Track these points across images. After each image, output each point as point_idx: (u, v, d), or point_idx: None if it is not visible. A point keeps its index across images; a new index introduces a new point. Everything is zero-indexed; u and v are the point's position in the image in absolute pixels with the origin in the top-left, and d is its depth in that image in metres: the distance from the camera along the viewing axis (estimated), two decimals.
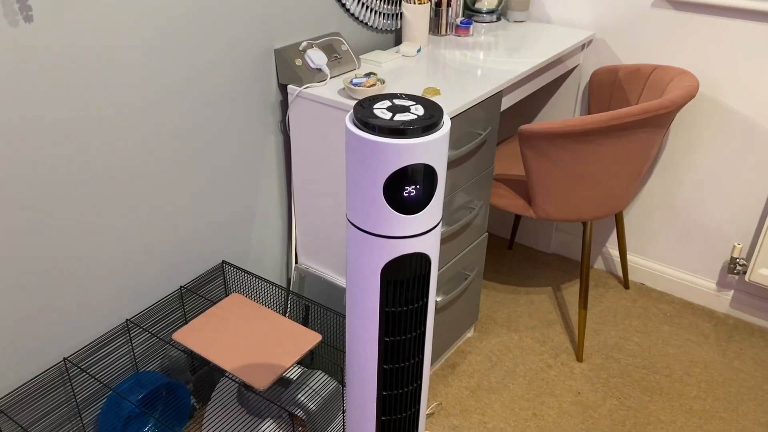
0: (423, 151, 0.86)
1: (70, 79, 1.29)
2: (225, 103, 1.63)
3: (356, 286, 0.98)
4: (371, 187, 0.89)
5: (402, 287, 0.96)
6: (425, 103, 0.92)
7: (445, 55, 1.98)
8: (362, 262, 0.95)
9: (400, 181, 0.87)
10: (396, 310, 0.97)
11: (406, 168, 0.86)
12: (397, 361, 1.02)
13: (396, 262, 0.93)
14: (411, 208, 0.90)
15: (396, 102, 0.92)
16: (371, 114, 0.88)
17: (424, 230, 0.93)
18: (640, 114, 1.70)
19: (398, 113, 0.89)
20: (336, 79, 1.75)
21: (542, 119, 2.45)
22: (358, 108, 0.90)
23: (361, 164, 0.88)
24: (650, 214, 2.36)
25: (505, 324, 2.27)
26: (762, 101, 2.00)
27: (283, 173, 1.88)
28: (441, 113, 0.89)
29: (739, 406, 1.94)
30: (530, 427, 1.87)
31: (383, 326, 0.99)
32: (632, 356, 2.13)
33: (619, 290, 2.45)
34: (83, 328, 1.49)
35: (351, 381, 1.10)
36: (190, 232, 1.67)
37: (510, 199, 2.00)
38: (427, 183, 0.89)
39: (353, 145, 0.88)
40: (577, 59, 2.25)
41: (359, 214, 0.92)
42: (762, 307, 2.23)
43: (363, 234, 0.93)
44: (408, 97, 0.94)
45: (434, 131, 0.88)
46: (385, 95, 0.93)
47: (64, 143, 1.32)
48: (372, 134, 0.86)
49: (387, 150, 0.85)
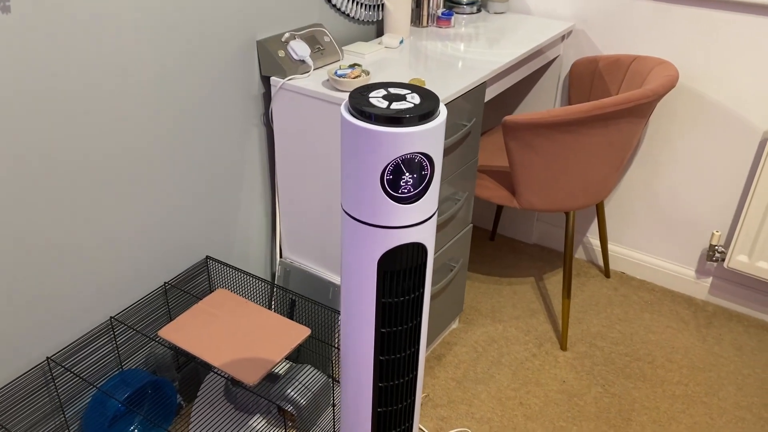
0: (421, 140, 0.86)
1: (47, 71, 1.25)
2: (207, 96, 1.61)
3: (352, 277, 0.97)
4: (368, 177, 0.88)
5: (399, 278, 0.95)
6: (421, 92, 0.91)
7: (427, 46, 1.98)
8: (358, 253, 0.94)
9: (398, 171, 0.87)
10: (393, 301, 0.97)
11: (404, 157, 0.86)
12: (393, 353, 1.02)
13: (393, 252, 0.93)
14: (409, 197, 0.89)
15: (391, 91, 0.91)
16: (367, 103, 0.87)
17: (421, 220, 0.92)
18: (622, 103, 1.71)
19: (394, 102, 0.88)
20: (319, 70, 1.73)
21: (523, 111, 2.46)
22: (353, 97, 0.89)
23: (358, 154, 0.87)
24: (630, 204, 2.39)
25: (489, 315, 2.28)
26: (740, 91, 2.04)
27: (266, 166, 1.86)
28: (437, 101, 0.89)
29: (719, 391, 1.98)
30: (517, 416, 1.88)
31: (380, 318, 0.99)
32: (615, 344, 2.16)
33: (600, 279, 2.48)
34: (66, 326, 1.46)
35: (346, 373, 1.09)
36: (173, 227, 1.64)
37: (494, 190, 2.01)
38: (425, 172, 0.89)
39: (349, 135, 0.87)
40: (557, 50, 2.26)
41: (355, 205, 0.91)
42: (740, 294, 2.27)
43: (359, 224, 0.92)
44: (403, 85, 0.93)
45: (432, 119, 0.87)
46: (379, 84, 0.92)
47: (41, 139, 1.29)
48: (369, 123, 0.85)
49: (385, 139, 0.84)
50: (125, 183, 1.48)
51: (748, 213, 2.03)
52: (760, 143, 2.06)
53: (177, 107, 1.54)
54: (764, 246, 2.04)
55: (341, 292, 1.02)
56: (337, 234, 1.77)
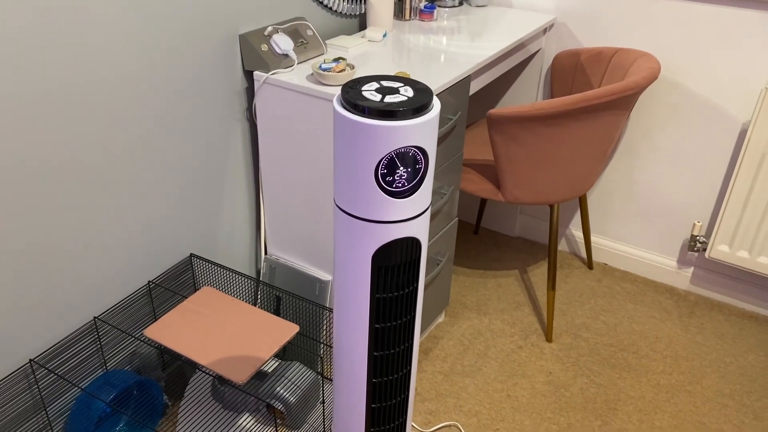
0: (415, 133, 0.85)
1: (24, 69, 1.22)
2: (189, 91, 1.58)
3: (345, 273, 0.96)
4: (362, 172, 0.87)
5: (393, 273, 0.94)
6: (414, 85, 0.91)
7: (411, 39, 1.97)
8: (352, 249, 0.93)
9: (392, 165, 0.86)
10: (387, 296, 0.96)
11: (399, 151, 0.85)
12: (387, 348, 1.01)
13: (387, 247, 0.92)
14: (403, 191, 0.88)
15: (384, 84, 0.90)
16: (361, 96, 0.86)
17: (415, 214, 0.91)
18: (606, 96, 1.72)
19: (388, 95, 0.87)
20: (303, 64, 1.72)
21: (505, 104, 2.47)
22: (346, 90, 0.88)
23: (351, 148, 0.86)
24: (611, 196, 2.41)
25: (474, 308, 2.28)
26: (720, 83, 2.06)
27: (250, 162, 1.84)
28: (431, 94, 0.88)
29: (702, 379, 2.00)
30: (505, 408, 1.89)
31: (374, 313, 0.98)
32: (599, 335, 2.17)
33: (584, 271, 2.50)
34: (49, 327, 1.43)
35: (339, 370, 1.08)
36: (157, 225, 1.62)
37: (479, 183, 2.01)
38: (419, 166, 0.88)
39: (342, 129, 0.86)
40: (539, 43, 2.27)
41: (349, 199, 0.90)
42: (720, 283, 2.30)
43: (353, 219, 0.91)
44: (396, 78, 0.92)
45: (426, 112, 0.86)
46: (372, 77, 0.91)
47: (20, 139, 1.25)
48: (363, 117, 0.84)
49: (379, 133, 0.83)
50: (107, 181, 1.45)
51: (728, 203, 2.05)
52: (740, 134, 2.09)
53: (158, 103, 1.51)
54: (745, 236, 2.07)
55: (334, 288, 1.01)
56: (323, 230, 1.76)
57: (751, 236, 2.06)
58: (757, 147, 1.94)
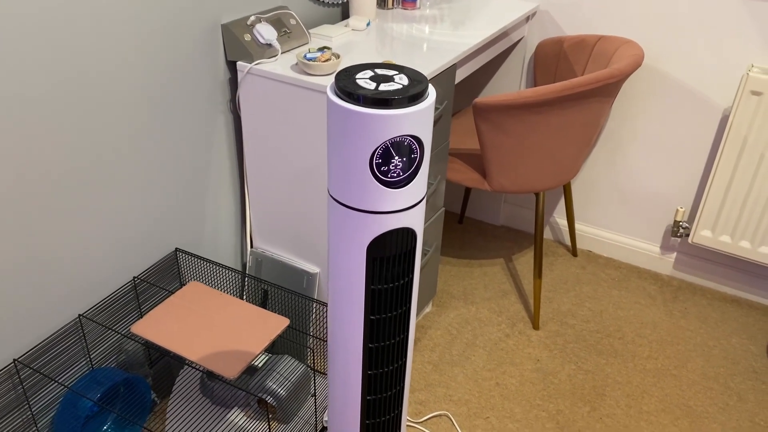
0: (410, 122, 0.83)
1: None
2: (170, 83, 1.55)
3: (340, 264, 0.95)
4: (357, 161, 0.85)
5: (388, 264, 0.93)
6: (409, 73, 0.89)
7: (394, 28, 1.95)
8: (347, 240, 0.92)
9: (387, 154, 0.84)
10: (382, 288, 0.95)
11: (394, 140, 0.83)
12: (382, 340, 1.00)
13: (382, 238, 0.91)
14: (398, 181, 0.87)
15: (378, 72, 0.88)
16: (355, 84, 0.84)
17: (410, 204, 0.90)
18: (592, 83, 1.72)
19: (382, 83, 0.86)
20: (287, 54, 1.69)
21: (488, 93, 2.46)
22: (340, 78, 0.86)
23: (346, 137, 0.85)
24: (595, 183, 2.42)
25: (461, 297, 2.28)
26: (701, 69, 2.07)
27: (234, 155, 1.81)
28: (426, 82, 0.86)
29: (687, 363, 2.03)
30: (494, 396, 1.89)
31: (368, 305, 0.97)
32: (585, 321, 2.19)
33: (568, 258, 2.51)
34: (33, 326, 1.40)
35: (334, 362, 1.07)
36: (140, 220, 1.59)
37: (465, 173, 2.00)
38: (415, 155, 0.87)
39: (336, 118, 0.85)
40: (521, 32, 2.26)
41: (343, 190, 0.89)
42: (703, 268, 2.33)
43: (347, 210, 0.90)
44: (390, 66, 0.90)
45: (421, 101, 0.85)
46: (366, 65, 0.90)
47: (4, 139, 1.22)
48: (357, 105, 0.82)
49: (374, 121, 0.81)
50: (88, 176, 1.42)
51: (711, 189, 2.07)
52: (721, 120, 2.11)
53: (139, 96, 1.48)
54: (727, 220, 2.09)
55: (329, 279, 1.00)
56: (310, 222, 1.74)
57: (734, 221, 2.08)
58: (738, 132, 1.96)
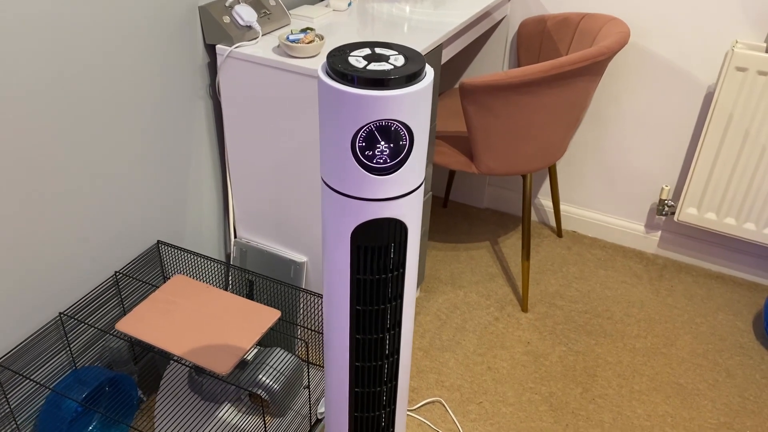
0: (397, 106, 0.79)
1: None
2: (146, 69, 1.48)
3: (328, 250, 0.92)
4: (339, 143, 0.81)
5: (374, 254, 0.89)
6: (407, 54, 0.85)
7: (375, 8, 1.90)
8: (334, 225, 0.89)
9: (372, 138, 0.80)
10: (368, 279, 0.91)
11: (378, 124, 0.79)
12: (370, 332, 0.96)
13: (367, 226, 0.87)
14: (384, 168, 0.83)
15: (377, 51, 0.84)
16: (344, 62, 0.80)
17: (398, 194, 0.85)
18: (579, 61, 1.69)
19: (374, 62, 0.81)
20: (268, 36, 1.63)
21: (471, 75, 2.43)
22: (332, 54, 0.82)
23: (330, 117, 0.81)
24: (579, 163, 2.41)
25: (449, 282, 2.26)
26: (686, 45, 2.06)
27: (215, 142, 1.75)
28: (423, 64, 0.82)
29: (676, 341, 2.03)
30: (486, 381, 1.88)
31: (354, 295, 0.93)
32: (574, 302, 2.18)
33: (553, 239, 2.50)
34: (12, 327, 1.34)
35: (327, 351, 1.04)
36: (120, 213, 1.52)
37: (451, 156, 1.97)
38: (403, 142, 0.82)
39: (322, 95, 0.81)
40: (504, 11, 2.23)
41: (329, 172, 0.85)
42: (687, 245, 2.34)
43: (333, 193, 0.86)
44: (390, 46, 0.86)
45: (411, 84, 0.80)
46: (365, 43, 0.85)
47: None
48: (340, 84, 0.78)
49: (356, 102, 0.77)
50: (64, 168, 1.35)
51: (696, 166, 2.07)
52: (706, 97, 2.10)
53: (114, 83, 1.41)
54: (712, 198, 2.09)
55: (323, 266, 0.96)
56: (295, 209, 1.69)
57: (719, 198, 2.09)
58: (723, 109, 1.96)
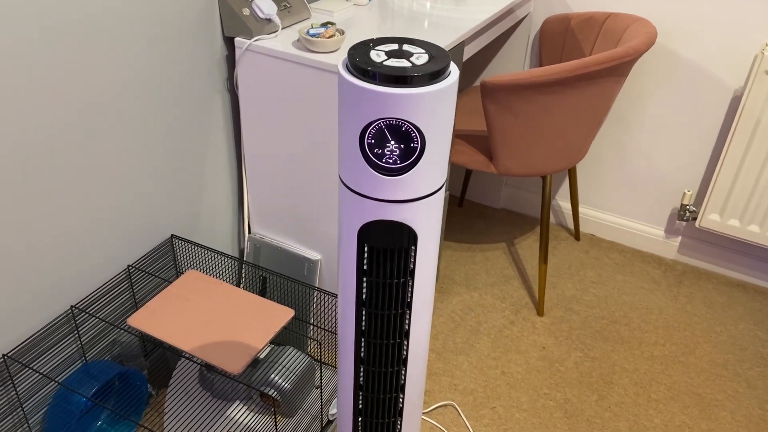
0: (405, 105, 0.75)
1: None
2: (164, 61, 1.46)
3: (340, 245, 0.90)
4: (351, 138, 0.79)
5: (380, 257, 0.86)
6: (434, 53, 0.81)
7: (397, 3, 1.87)
8: (344, 220, 0.88)
9: (381, 136, 0.77)
10: (373, 281, 0.88)
11: (388, 122, 0.76)
12: (374, 336, 0.93)
13: (373, 226, 0.84)
14: (392, 169, 0.80)
15: (405, 47, 0.80)
16: (364, 55, 0.78)
17: (407, 198, 0.82)
18: (605, 62, 1.65)
19: (394, 58, 0.78)
20: (288, 29, 1.61)
21: (492, 73, 2.39)
22: (356, 47, 0.80)
23: (343, 109, 0.79)
24: (600, 165, 2.36)
25: (463, 283, 2.23)
26: (713, 47, 2.01)
27: (231, 136, 1.73)
28: (443, 66, 0.78)
29: (695, 349, 1.99)
30: (500, 385, 1.85)
31: (360, 295, 0.90)
32: (591, 307, 2.14)
33: (571, 242, 2.46)
34: (23, 319, 1.32)
35: (339, 349, 1.02)
36: (134, 206, 1.50)
37: (470, 155, 1.93)
38: (414, 144, 0.79)
39: (339, 87, 0.80)
40: (527, 8, 2.19)
41: (343, 167, 0.84)
42: (708, 252, 2.29)
43: (345, 189, 0.84)
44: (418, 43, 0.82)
45: (423, 85, 0.76)
46: (393, 38, 0.82)
47: None
48: (352, 77, 0.76)
49: (363, 96, 0.75)
50: (79, 160, 1.33)
51: (720, 172, 2.02)
52: (732, 100, 2.05)
53: (131, 75, 1.39)
54: (736, 204, 2.05)
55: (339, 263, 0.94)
56: (311, 206, 1.67)
57: (743, 205, 2.04)
58: (751, 113, 1.91)
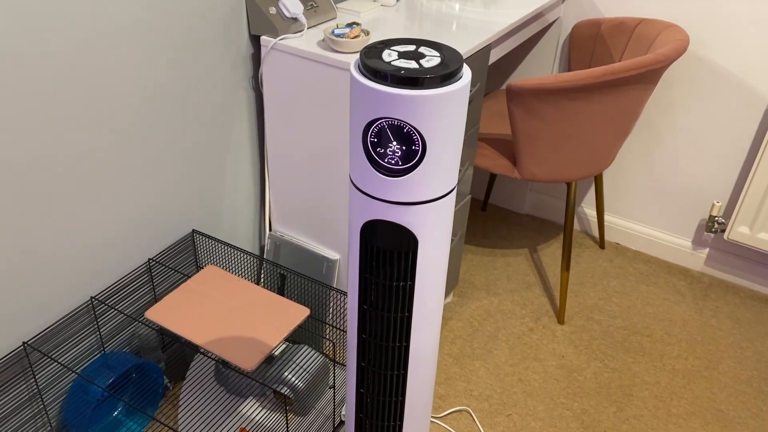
0: (407, 107, 0.74)
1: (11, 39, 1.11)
2: (190, 58, 1.47)
3: (349, 241, 0.90)
4: (356, 135, 0.80)
5: (380, 257, 0.86)
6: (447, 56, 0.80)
7: (424, 4, 1.86)
8: (350, 216, 0.88)
9: (383, 136, 0.77)
10: (373, 280, 0.88)
11: (390, 122, 0.76)
12: (374, 336, 0.92)
13: (373, 225, 0.84)
14: (393, 170, 0.79)
15: (421, 49, 0.80)
16: (376, 55, 0.77)
17: (408, 200, 0.81)
18: (635, 68, 1.62)
19: (404, 59, 0.77)
20: (314, 29, 1.61)
21: (519, 77, 2.36)
22: (371, 46, 0.80)
23: (352, 106, 0.79)
24: (627, 173, 2.32)
25: (483, 288, 2.21)
26: (747, 56, 1.96)
27: (255, 134, 1.74)
28: (453, 69, 0.77)
29: (719, 365, 1.95)
30: (517, 393, 1.83)
31: (362, 292, 0.90)
32: (613, 317, 2.11)
33: (595, 250, 2.42)
34: (43, 309, 1.34)
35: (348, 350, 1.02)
36: (157, 200, 1.52)
37: (494, 159, 1.92)
38: (416, 147, 0.78)
39: (350, 85, 0.80)
40: (557, 12, 2.16)
41: (351, 164, 0.84)
42: (736, 265, 2.24)
43: (351, 185, 0.85)
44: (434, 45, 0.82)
45: (426, 87, 0.75)
46: (410, 40, 0.81)
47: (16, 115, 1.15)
48: (359, 74, 0.77)
49: (366, 94, 0.75)
50: (103, 154, 1.35)
51: (752, 184, 1.97)
52: (766, 111, 2.00)
53: (157, 71, 1.41)
54: (767, 217, 1.99)
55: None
56: (331, 206, 1.67)
57: None
58: None
